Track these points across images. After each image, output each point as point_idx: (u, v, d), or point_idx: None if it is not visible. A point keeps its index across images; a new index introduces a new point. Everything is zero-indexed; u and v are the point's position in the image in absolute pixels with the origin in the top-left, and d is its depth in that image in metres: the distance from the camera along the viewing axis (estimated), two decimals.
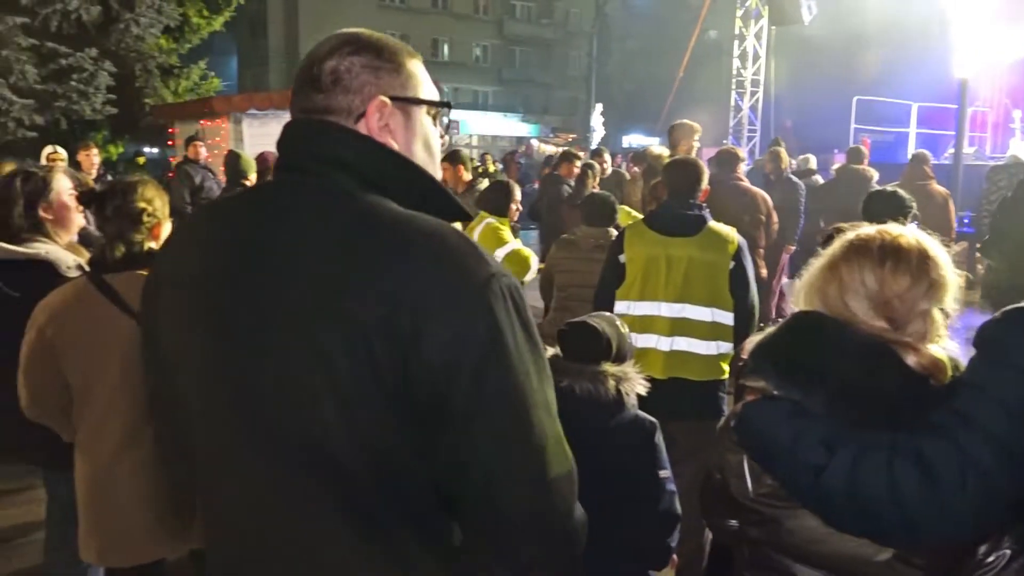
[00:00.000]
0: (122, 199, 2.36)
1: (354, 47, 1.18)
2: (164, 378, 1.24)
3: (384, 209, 1.10)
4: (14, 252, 2.63)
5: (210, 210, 1.44)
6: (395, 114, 1.19)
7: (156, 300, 1.24)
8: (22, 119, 9.03)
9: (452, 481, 1.07)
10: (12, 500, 4.34)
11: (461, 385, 1.02)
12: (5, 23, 8.57)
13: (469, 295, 1.04)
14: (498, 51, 43.75)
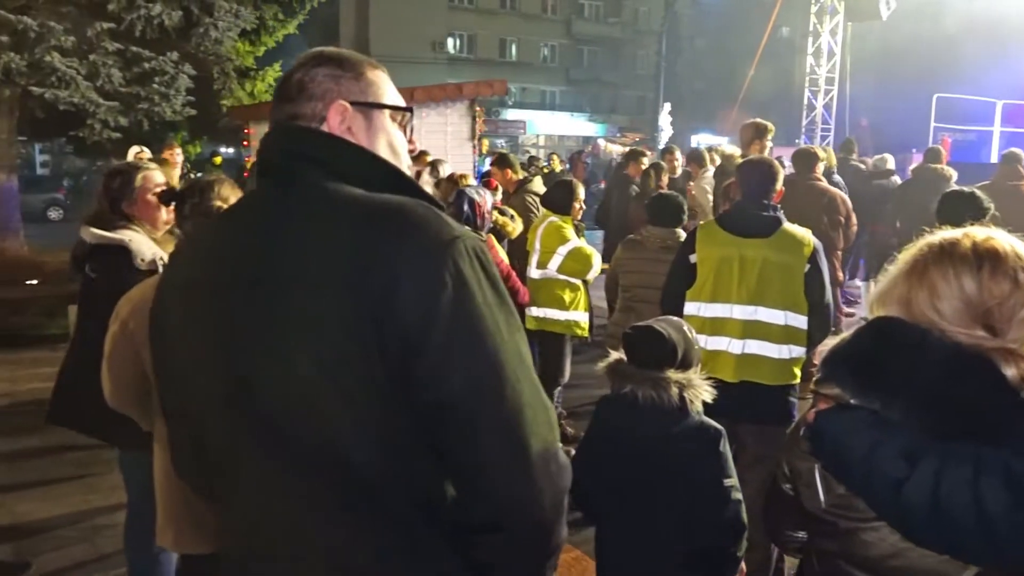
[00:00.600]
0: (200, 197, 2.43)
1: (318, 60, 1.30)
2: (174, 385, 1.33)
3: (349, 193, 1.19)
4: (100, 236, 2.85)
5: (216, 219, 1.53)
6: (356, 117, 1.29)
7: (164, 306, 1.33)
8: (107, 120, 9.36)
9: (432, 428, 1.12)
10: (94, 485, 4.52)
11: (434, 338, 1.09)
12: (93, 29, 8.92)
13: (434, 255, 1.11)
14: (566, 51, 43.63)
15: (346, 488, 1.14)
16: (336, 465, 1.13)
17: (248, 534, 1.25)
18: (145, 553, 2.88)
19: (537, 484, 1.13)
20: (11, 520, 4.15)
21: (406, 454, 1.14)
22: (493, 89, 12.44)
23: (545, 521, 1.16)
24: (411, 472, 1.15)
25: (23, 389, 6.20)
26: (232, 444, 1.22)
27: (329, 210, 1.17)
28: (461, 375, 1.09)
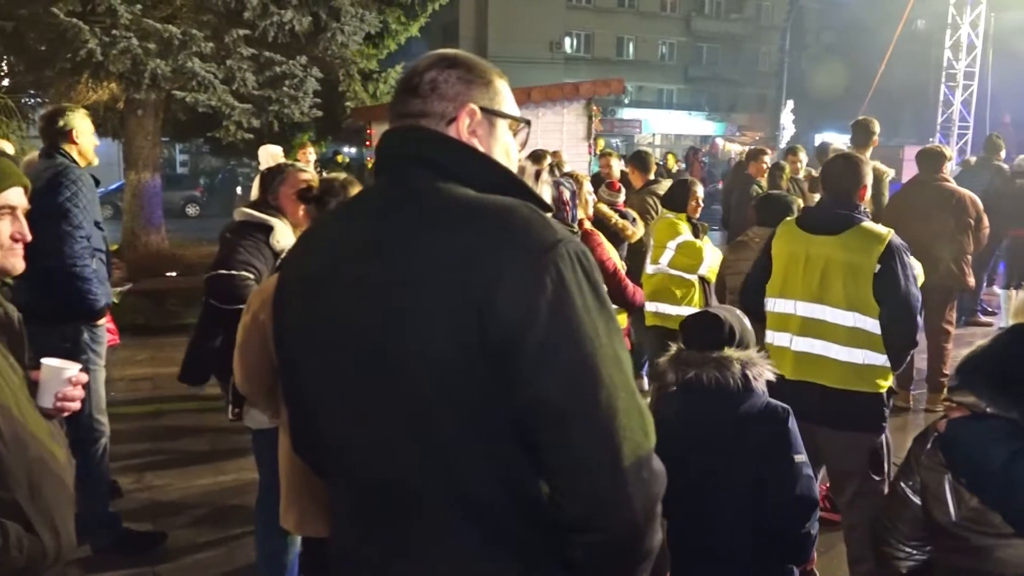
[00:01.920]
0: (344, 194, 2.55)
1: (451, 62, 1.33)
2: (289, 368, 1.41)
3: (460, 193, 1.22)
4: (248, 213, 3.16)
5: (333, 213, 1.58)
6: (482, 123, 1.33)
7: (283, 294, 1.41)
8: (241, 122, 9.88)
9: (527, 426, 1.14)
10: (224, 466, 4.79)
11: (532, 338, 1.11)
12: (231, 35, 9.43)
13: (537, 257, 1.13)
14: (684, 48, 42.87)
15: (444, 477, 1.19)
16: (435, 456, 1.18)
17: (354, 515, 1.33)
18: (273, 533, 3.02)
19: (627, 488, 1.13)
20: (149, 494, 4.44)
21: (501, 448, 1.17)
22: (610, 88, 12.38)
23: (636, 525, 1.17)
24: (507, 467, 1.18)
25: (162, 373, 6.63)
26: (338, 428, 1.31)
27: (439, 209, 1.21)
28: (557, 376, 1.11)
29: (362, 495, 1.30)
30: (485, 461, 1.17)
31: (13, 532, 1.63)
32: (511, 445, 1.16)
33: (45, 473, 1.74)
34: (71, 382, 1.86)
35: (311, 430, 1.39)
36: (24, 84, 9.66)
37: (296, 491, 2.53)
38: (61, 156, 3.59)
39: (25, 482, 1.67)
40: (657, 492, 1.18)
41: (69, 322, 3.53)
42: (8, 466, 1.64)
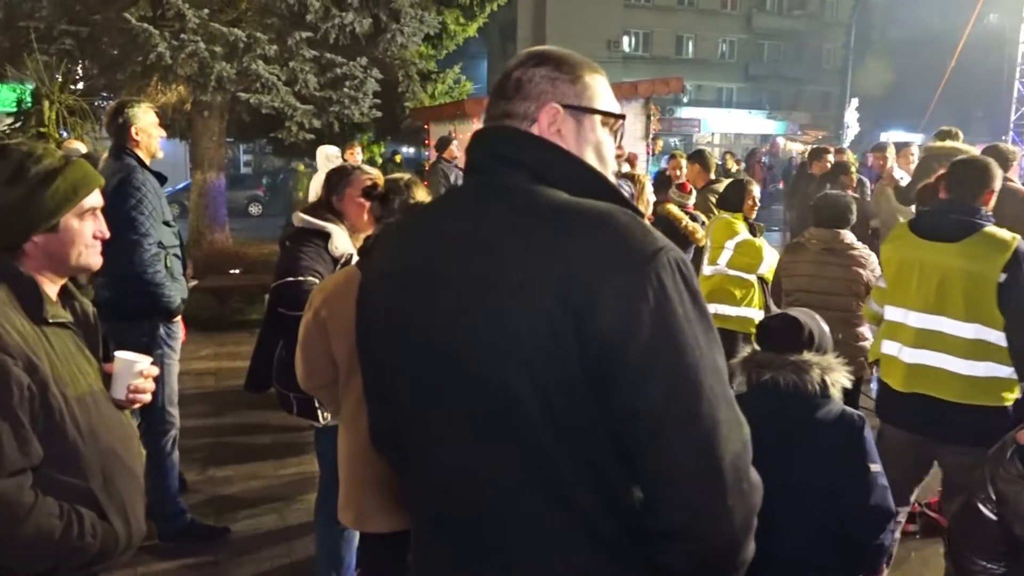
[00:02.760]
0: (407, 193, 2.57)
1: (538, 59, 1.31)
2: (373, 364, 1.43)
3: (554, 196, 1.21)
4: (306, 220, 3.16)
5: (419, 212, 1.59)
6: (567, 120, 1.29)
7: (370, 291, 1.42)
8: (303, 123, 10.06)
9: (625, 434, 1.13)
10: (285, 461, 4.88)
11: (633, 348, 1.09)
12: (293, 38, 9.61)
13: (638, 266, 1.11)
14: (745, 46, 42.17)
15: (533, 479, 1.19)
16: (526, 458, 1.18)
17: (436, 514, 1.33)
18: (332, 528, 3.07)
19: (727, 500, 1.12)
20: (212, 488, 4.55)
21: (594, 454, 1.16)
22: (669, 87, 12.25)
23: (733, 537, 1.15)
24: (599, 471, 1.17)
25: (225, 368, 6.80)
26: (424, 427, 1.31)
27: (533, 213, 1.19)
28: (658, 387, 1.10)
29: (446, 495, 1.30)
30: (576, 465, 1.16)
31: (88, 519, 1.69)
32: (605, 450, 1.16)
33: (117, 463, 1.80)
34: (142, 375, 1.91)
35: (394, 427, 1.40)
36: (97, 87, 10.00)
37: (355, 488, 2.55)
38: (128, 156, 3.65)
39: (99, 472, 1.73)
40: (755, 503, 1.17)
41: (146, 319, 3.64)
42: (83, 456, 1.70)
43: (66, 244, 1.78)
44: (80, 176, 1.79)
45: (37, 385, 1.63)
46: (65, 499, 1.67)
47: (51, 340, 1.72)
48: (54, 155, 1.79)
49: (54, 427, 1.66)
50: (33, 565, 1.65)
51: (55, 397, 1.66)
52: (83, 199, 1.79)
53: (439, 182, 8.39)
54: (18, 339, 1.62)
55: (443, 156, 9.02)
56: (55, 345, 1.72)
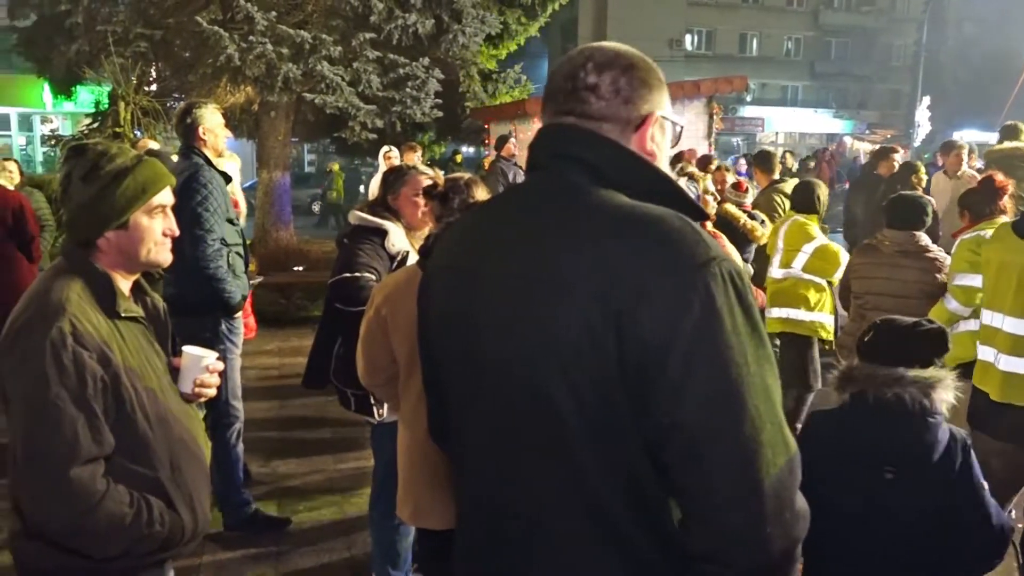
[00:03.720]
0: (467, 192, 2.60)
1: (629, 62, 1.27)
2: (431, 356, 1.44)
3: (611, 198, 1.18)
4: (362, 218, 3.23)
5: (481, 205, 1.59)
6: (659, 128, 1.29)
7: (429, 286, 1.43)
8: (366, 123, 10.20)
9: (662, 448, 1.10)
10: (344, 455, 4.97)
11: (674, 359, 1.06)
12: (357, 39, 9.75)
13: (686, 274, 1.08)
14: (811, 43, 41.23)
15: (565, 486, 1.18)
16: (559, 464, 1.17)
17: (479, 512, 1.35)
18: (388, 523, 3.12)
19: (765, 527, 1.07)
20: (274, 479, 4.66)
21: (630, 464, 1.14)
22: (732, 85, 12.07)
23: (769, 566, 1.10)
24: (635, 484, 1.15)
25: (288, 363, 6.95)
26: (468, 418, 1.32)
27: (587, 213, 1.17)
28: (697, 403, 1.06)
29: (488, 495, 1.30)
30: (611, 476, 1.15)
31: (156, 508, 1.75)
32: (642, 463, 1.13)
33: (185, 454, 1.85)
34: (208, 369, 1.97)
35: (448, 421, 1.42)
36: (170, 88, 10.31)
37: (413, 483, 2.59)
38: (195, 155, 3.75)
39: (167, 462, 1.79)
40: (798, 535, 1.11)
41: (209, 314, 3.74)
42: (153, 446, 1.77)
43: (136, 241, 1.83)
44: (150, 174, 1.83)
45: (110, 377, 1.69)
46: (135, 488, 1.73)
47: (123, 334, 1.78)
48: (127, 154, 1.84)
49: (125, 418, 1.72)
50: (104, 550, 1.71)
51: (127, 389, 1.72)
52: (152, 197, 1.83)
53: (497, 180, 8.43)
54: (93, 332, 1.68)
55: (502, 155, 9.06)
56: (127, 338, 1.78)
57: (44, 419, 1.62)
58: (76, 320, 1.67)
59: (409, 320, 2.55)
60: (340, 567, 3.72)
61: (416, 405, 2.54)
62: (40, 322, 1.66)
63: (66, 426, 1.61)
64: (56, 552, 1.70)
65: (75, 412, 1.62)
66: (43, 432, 1.62)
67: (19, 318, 1.71)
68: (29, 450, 1.64)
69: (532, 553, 1.23)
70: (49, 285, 1.74)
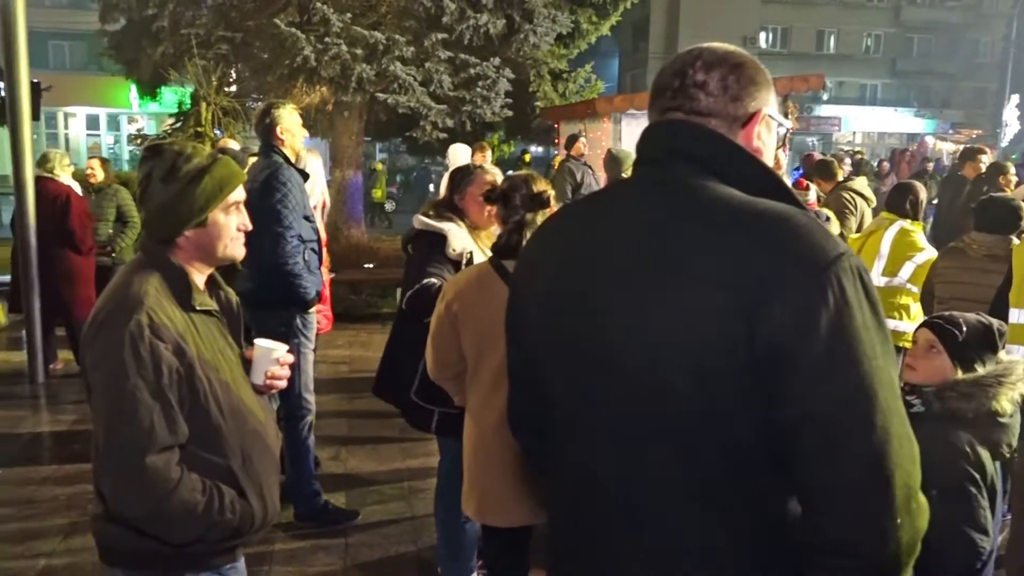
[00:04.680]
0: (526, 188, 2.60)
1: (738, 61, 1.29)
2: (523, 348, 1.44)
3: (730, 194, 1.19)
4: (424, 223, 3.21)
5: (577, 203, 1.58)
6: (766, 127, 1.30)
7: (525, 278, 1.43)
8: (437, 122, 10.32)
9: (790, 440, 1.10)
10: (412, 450, 5.03)
11: (808, 354, 1.07)
12: (430, 39, 9.87)
13: (819, 270, 1.08)
14: (892, 40, 39.93)
15: (684, 478, 1.18)
16: (677, 452, 1.17)
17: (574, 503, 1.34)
18: (453, 519, 3.13)
19: (895, 518, 1.08)
20: (344, 471, 4.75)
21: (751, 458, 1.15)
22: (808, 84, 11.76)
23: (897, 557, 1.10)
24: (753, 478, 1.15)
25: (358, 357, 7.08)
26: (575, 409, 1.31)
27: (710, 207, 1.18)
28: (831, 396, 1.07)
29: (586, 486, 1.30)
30: (728, 466, 1.15)
31: (228, 496, 1.79)
32: (761, 456, 1.14)
33: (256, 444, 1.89)
34: (279, 362, 2.00)
35: (537, 415, 1.42)
36: (248, 89, 10.62)
37: (479, 479, 2.60)
38: (274, 154, 3.85)
39: (239, 451, 1.84)
40: (922, 526, 1.12)
41: (285, 309, 3.83)
42: (225, 436, 1.81)
43: (213, 237, 1.87)
44: (226, 173, 1.88)
45: (185, 368, 1.74)
46: (208, 476, 1.77)
47: (198, 326, 1.83)
48: (202, 153, 1.89)
49: (199, 408, 1.76)
50: (178, 536, 1.75)
51: (200, 380, 1.76)
52: (228, 195, 1.88)
53: (565, 180, 8.40)
54: (169, 325, 1.73)
55: (571, 154, 9.03)
56: (201, 331, 1.83)
57: (122, 408, 1.67)
58: (153, 313, 1.72)
59: (478, 316, 2.58)
60: (407, 561, 3.76)
61: (484, 400, 2.56)
62: (119, 315, 1.72)
63: (143, 415, 1.66)
64: (134, 535, 1.75)
65: (151, 402, 1.67)
66: (121, 421, 1.68)
67: (101, 311, 1.77)
68: (108, 438, 1.70)
69: (642, 543, 1.23)
70: (129, 279, 1.80)
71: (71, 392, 6.18)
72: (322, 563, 3.71)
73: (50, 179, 6.46)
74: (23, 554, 3.70)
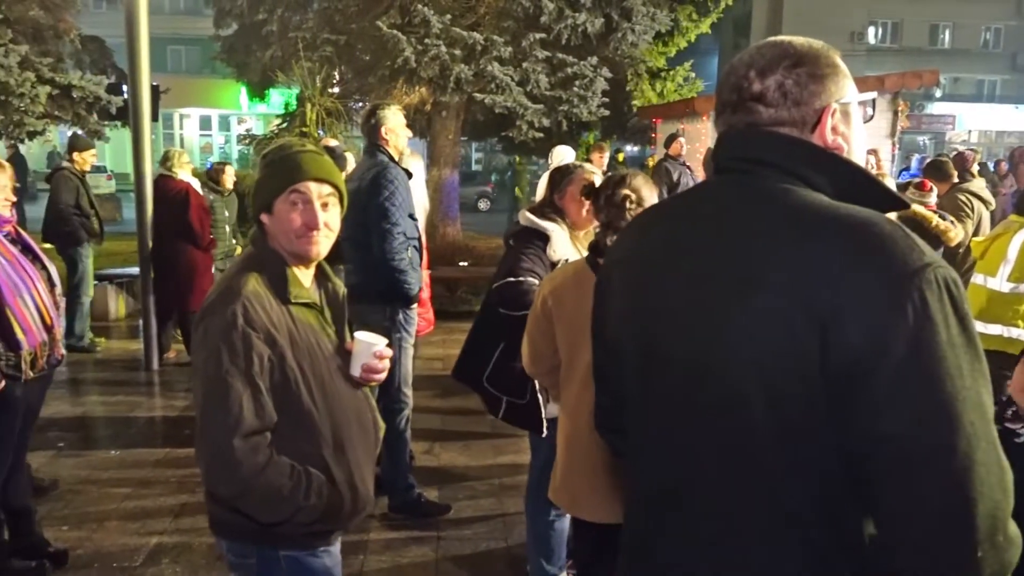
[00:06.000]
0: (611, 190, 2.59)
1: (794, 59, 1.21)
2: (605, 348, 1.43)
3: (809, 200, 1.14)
4: (530, 219, 3.24)
5: (661, 204, 1.55)
6: (841, 117, 1.22)
7: (608, 279, 1.42)
8: (533, 122, 10.37)
9: (864, 461, 1.05)
10: (503, 447, 5.07)
11: (883, 372, 1.01)
12: (527, 39, 9.92)
13: (897, 282, 1.02)
14: (1014, 33, 37.66)
15: (750, 488, 1.15)
16: (749, 460, 1.14)
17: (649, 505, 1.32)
18: (543, 517, 3.15)
19: (976, 550, 1.00)
20: (436, 465, 4.83)
21: (821, 475, 1.11)
22: (921, 80, 11.24)
23: None
24: (823, 495, 1.11)
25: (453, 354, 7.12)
26: (648, 412, 1.31)
27: (786, 215, 1.14)
28: (907, 416, 1.01)
29: (663, 489, 1.29)
30: (803, 478, 1.11)
31: (316, 481, 1.85)
32: (837, 471, 1.09)
33: (349, 433, 1.95)
34: (377, 356, 2.03)
35: (618, 414, 1.42)
36: (351, 90, 10.93)
37: (572, 473, 2.60)
38: (380, 153, 3.95)
39: (331, 439, 1.90)
40: (1010, 561, 1.04)
41: (389, 304, 3.93)
42: (316, 423, 1.88)
43: (279, 226, 1.90)
44: (292, 165, 1.89)
45: (277, 357, 1.81)
46: (299, 461, 1.84)
47: (295, 318, 1.89)
48: (293, 146, 1.96)
49: (291, 395, 1.83)
50: (265, 516, 1.83)
51: (292, 369, 1.83)
52: (291, 185, 1.88)
53: (660, 181, 8.30)
54: (263, 316, 1.80)
55: (669, 153, 8.92)
56: (298, 322, 1.89)
57: (214, 392, 1.76)
58: (249, 304, 1.79)
59: (573, 313, 2.58)
60: (497, 557, 3.80)
61: (578, 395, 2.56)
62: (220, 304, 1.80)
63: (232, 400, 1.74)
64: (234, 513, 1.85)
65: (241, 388, 1.74)
66: (213, 405, 1.76)
67: (208, 300, 1.87)
68: (202, 420, 1.78)
69: (712, 551, 1.21)
70: (234, 271, 1.90)
71: (183, 380, 6.50)
72: (415, 554, 3.79)
73: (169, 176, 6.81)
74: (138, 531, 3.92)
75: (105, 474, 4.59)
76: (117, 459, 4.86)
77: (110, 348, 7.53)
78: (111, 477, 4.56)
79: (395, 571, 3.64)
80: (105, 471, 4.63)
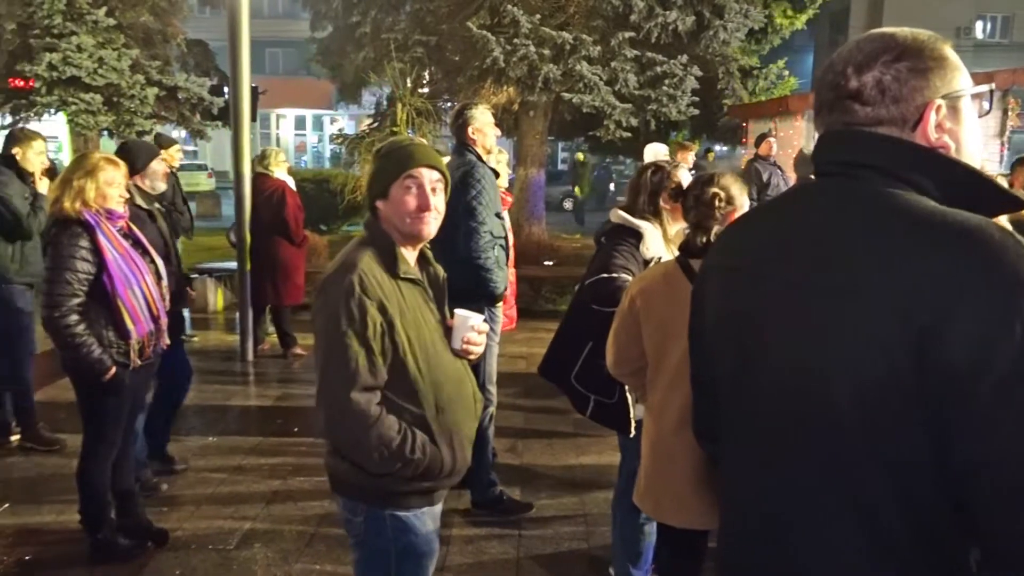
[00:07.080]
0: (700, 190, 2.55)
1: (894, 53, 1.15)
2: (701, 351, 1.42)
3: (912, 204, 1.08)
4: (623, 218, 3.23)
5: (757, 210, 1.54)
6: (948, 114, 1.15)
7: (705, 284, 1.41)
8: (620, 121, 10.30)
9: (964, 484, 1.00)
10: (585, 447, 5.06)
11: (986, 388, 0.95)
12: (616, 38, 9.86)
13: (1005, 293, 0.96)
14: None
15: (846, 497, 1.11)
16: (840, 473, 1.10)
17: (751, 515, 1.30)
18: (631, 520, 3.12)
19: None
20: (519, 463, 4.85)
21: (916, 489, 1.05)
22: None
23: None
24: (918, 511, 1.06)
25: (536, 353, 7.14)
26: (741, 419, 1.29)
27: (887, 221, 1.08)
28: (1011, 437, 0.96)
29: (759, 498, 1.26)
30: (895, 497, 1.06)
31: (420, 439, 2.05)
32: (931, 490, 1.04)
33: (450, 399, 2.14)
34: (475, 329, 2.24)
35: (714, 420, 1.40)
36: (440, 90, 11.10)
37: (656, 477, 2.58)
38: (468, 152, 4.00)
39: (434, 403, 2.09)
40: None
41: (474, 302, 3.96)
42: (421, 388, 2.07)
43: (392, 210, 2.12)
44: (406, 154, 2.12)
45: (387, 324, 2.01)
46: (404, 421, 2.05)
47: (404, 292, 2.10)
48: (399, 141, 2.22)
49: (398, 360, 2.03)
50: (375, 467, 2.03)
51: (400, 336, 2.03)
52: (405, 171, 2.10)
53: (751, 181, 8.12)
54: (377, 287, 2.01)
55: (759, 153, 8.72)
56: (406, 296, 2.10)
57: (334, 351, 1.97)
58: (364, 275, 2.00)
59: (662, 314, 2.55)
60: (577, 558, 3.79)
61: (664, 398, 2.54)
62: (340, 275, 2.02)
63: (351, 358, 1.95)
64: (350, 468, 2.07)
65: (358, 347, 1.96)
66: (333, 362, 1.98)
67: (328, 272, 2.09)
68: (323, 376, 2.01)
69: (802, 563, 1.18)
70: (351, 248, 2.13)
71: (276, 371, 6.72)
72: (497, 551, 3.81)
73: (266, 175, 7.05)
74: (231, 516, 4.08)
75: (202, 460, 4.79)
76: (213, 446, 5.06)
77: (207, 339, 7.86)
78: (207, 463, 4.75)
79: (477, 567, 3.67)
80: (203, 457, 4.83)
